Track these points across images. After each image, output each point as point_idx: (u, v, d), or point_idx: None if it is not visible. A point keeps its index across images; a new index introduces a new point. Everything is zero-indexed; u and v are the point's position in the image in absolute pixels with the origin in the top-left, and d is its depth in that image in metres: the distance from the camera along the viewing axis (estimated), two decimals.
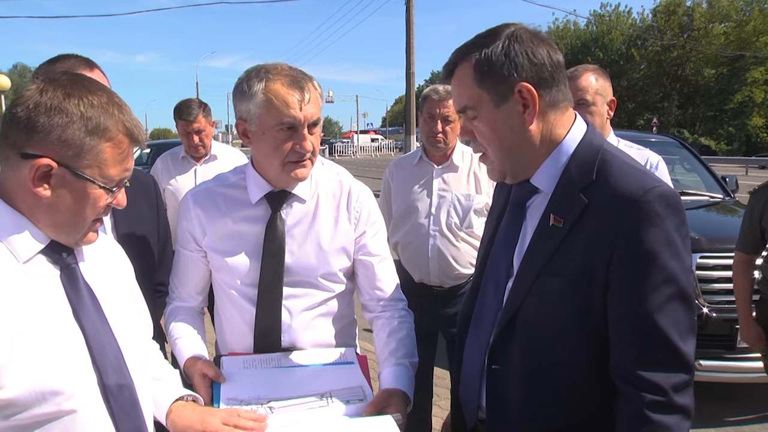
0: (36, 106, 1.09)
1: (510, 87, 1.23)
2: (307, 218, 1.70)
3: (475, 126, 1.29)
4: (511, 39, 1.24)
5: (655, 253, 1.12)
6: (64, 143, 1.10)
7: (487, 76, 1.24)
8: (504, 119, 1.26)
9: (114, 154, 1.15)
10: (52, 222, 1.14)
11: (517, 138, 1.27)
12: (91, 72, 1.81)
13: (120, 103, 1.17)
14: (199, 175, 3.80)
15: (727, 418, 3.90)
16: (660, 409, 1.12)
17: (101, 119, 1.12)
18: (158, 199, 2.16)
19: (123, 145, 1.16)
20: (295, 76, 1.55)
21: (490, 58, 1.24)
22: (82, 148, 1.11)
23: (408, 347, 1.70)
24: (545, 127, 1.27)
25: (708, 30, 43.80)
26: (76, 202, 1.14)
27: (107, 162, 1.14)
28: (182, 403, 1.46)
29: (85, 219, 1.16)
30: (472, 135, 1.32)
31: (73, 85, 1.12)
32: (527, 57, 1.23)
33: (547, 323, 1.23)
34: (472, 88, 1.26)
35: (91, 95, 1.13)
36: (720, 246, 3.86)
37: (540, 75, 1.24)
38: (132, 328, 1.31)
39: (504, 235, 1.40)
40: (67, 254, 1.19)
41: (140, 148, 12.07)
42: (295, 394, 1.51)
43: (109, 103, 1.15)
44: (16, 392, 1.04)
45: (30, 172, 1.09)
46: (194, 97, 4.01)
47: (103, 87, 1.18)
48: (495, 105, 1.25)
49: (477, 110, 1.27)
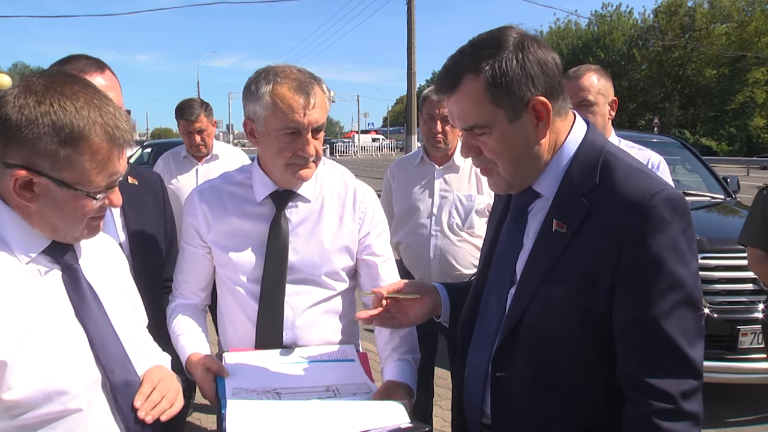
0: (8, 116, 1.04)
1: (525, 102, 1.18)
2: (311, 218, 1.72)
3: (484, 142, 1.22)
4: (523, 49, 1.17)
5: (662, 259, 1.11)
6: (39, 154, 1.06)
7: (503, 92, 1.17)
8: (519, 135, 1.21)
9: (93, 161, 1.10)
10: (45, 225, 1.14)
11: (529, 151, 1.23)
12: (102, 73, 1.80)
13: (99, 104, 1.10)
14: (200, 175, 3.80)
15: (728, 418, 3.90)
16: (669, 417, 1.10)
17: (75, 126, 1.06)
18: (165, 197, 2.18)
19: (102, 151, 1.10)
20: (302, 80, 1.56)
21: (506, 73, 1.16)
22: (58, 158, 1.06)
23: (410, 344, 1.72)
24: (552, 136, 1.25)
25: (709, 30, 43.71)
26: (63, 209, 1.12)
27: (87, 170, 1.09)
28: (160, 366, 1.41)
29: (77, 223, 1.15)
30: (477, 151, 1.25)
31: (45, 91, 1.07)
32: (540, 68, 1.18)
33: (552, 330, 1.21)
34: (485, 106, 1.18)
35: (63, 99, 1.06)
36: (721, 247, 3.86)
37: (552, 85, 1.20)
38: (131, 325, 1.32)
39: (506, 240, 1.38)
40: (68, 254, 1.19)
41: (141, 148, 12.12)
42: (300, 384, 1.52)
43: (85, 106, 1.08)
44: (24, 392, 1.05)
45: (11, 182, 1.07)
46: (196, 97, 4.01)
47: (82, 87, 1.11)
48: (509, 121, 1.19)
49: (489, 128, 1.20)
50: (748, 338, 3.75)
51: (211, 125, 3.78)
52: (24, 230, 1.13)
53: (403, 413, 1.39)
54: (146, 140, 24.99)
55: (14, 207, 1.13)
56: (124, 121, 1.14)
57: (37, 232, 1.14)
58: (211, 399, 1.53)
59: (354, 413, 1.38)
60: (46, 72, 1.15)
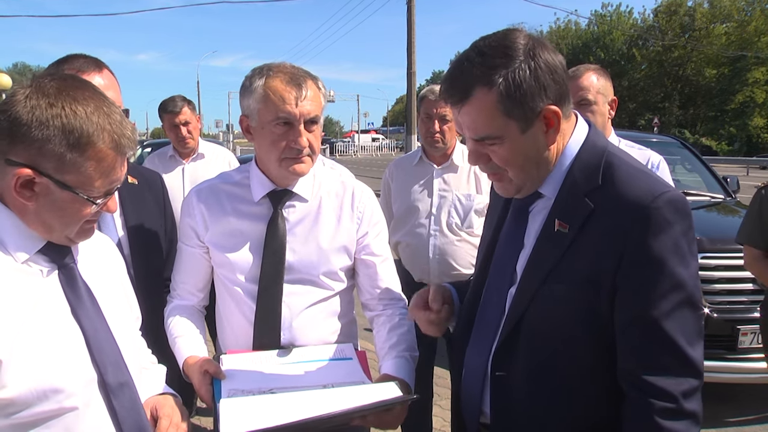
0: (18, 116, 1.05)
1: (537, 112, 1.17)
2: (309, 217, 1.71)
3: (494, 151, 1.21)
4: (534, 57, 1.15)
5: (664, 260, 1.11)
6: (45, 155, 1.07)
7: (517, 104, 1.15)
8: (530, 144, 1.20)
9: (98, 168, 1.11)
10: (40, 225, 1.14)
11: (539, 157, 1.23)
12: (100, 73, 1.80)
13: (108, 112, 1.12)
14: (186, 174, 3.78)
15: (728, 418, 3.90)
16: (669, 416, 1.11)
17: (84, 131, 1.07)
18: (165, 197, 2.18)
19: (108, 159, 1.12)
20: (294, 73, 1.57)
21: (520, 85, 1.14)
22: (64, 161, 1.07)
23: (409, 342, 1.72)
24: (560, 140, 1.25)
25: (709, 30, 43.70)
26: (61, 210, 1.12)
27: (91, 175, 1.11)
28: (167, 396, 1.44)
29: (72, 225, 1.15)
30: (486, 159, 1.24)
31: (58, 94, 1.08)
32: (552, 76, 1.17)
33: (553, 330, 1.21)
34: (497, 118, 1.17)
35: (75, 104, 1.08)
36: (721, 246, 3.85)
37: (561, 92, 1.20)
38: (127, 325, 1.32)
39: (506, 240, 1.37)
40: (65, 253, 1.19)
41: (141, 147, 12.12)
42: (296, 384, 1.52)
43: (95, 111, 1.09)
44: (18, 391, 1.05)
45: (12, 180, 1.08)
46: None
47: (92, 93, 1.13)
48: (521, 131, 1.18)
49: (501, 139, 1.19)
50: (748, 338, 3.75)
51: (195, 119, 3.77)
52: (20, 229, 1.13)
53: (394, 389, 1.41)
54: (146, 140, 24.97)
55: (11, 206, 1.13)
56: (129, 130, 1.15)
57: (34, 232, 1.14)
58: (208, 402, 1.52)
59: (346, 396, 1.38)
60: (57, 74, 1.15)
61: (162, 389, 1.44)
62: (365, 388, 1.46)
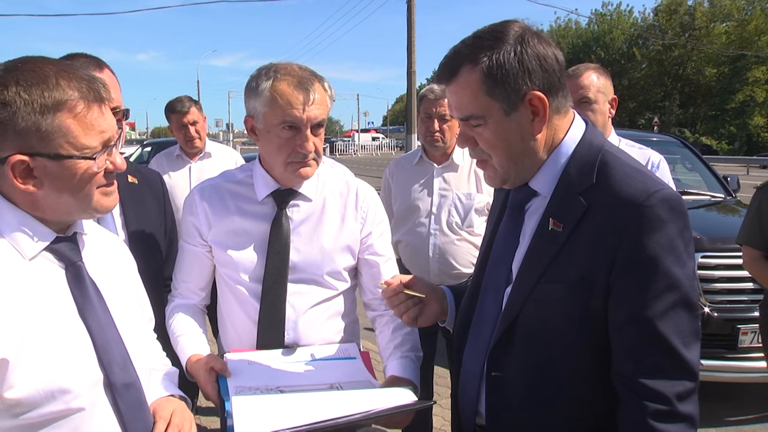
0: None
1: (521, 95, 1.18)
2: (313, 217, 1.71)
3: (479, 133, 1.23)
4: (522, 43, 1.17)
5: (658, 260, 1.10)
6: (22, 134, 1.05)
7: (499, 84, 1.17)
8: (513, 128, 1.21)
9: (78, 122, 1.09)
10: (57, 209, 1.13)
11: (524, 146, 1.23)
12: (101, 72, 1.81)
13: (65, 68, 1.09)
14: (193, 173, 3.80)
15: (728, 417, 3.90)
16: (664, 418, 1.09)
17: (45, 94, 1.05)
18: (165, 196, 2.18)
19: (82, 109, 1.09)
20: (302, 76, 1.56)
21: (503, 65, 1.16)
22: (41, 131, 1.06)
23: (413, 342, 1.72)
24: (549, 133, 1.24)
25: (709, 29, 43.71)
26: (69, 182, 1.11)
27: (75, 133, 1.08)
28: (170, 398, 1.41)
29: (86, 193, 1.14)
30: (473, 142, 1.26)
31: (6, 73, 1.06)
32: (539, 63, 1.18)
33: (547, 330, 1.20)
34: (480, 97, 1.19)
35: (26, 74, 1.06)
36: (722, 246, 3.86)
37: (551, 82, 1.20)
38: (136, 325, 1.30)
39: (502, 239, 1.37)
40: (72, 251, 1.18)
41: (141, 147, 12.11)
42: (303, 383, 1.52)
43: (51, 74, 1.07)
44: (26, 391, 1.04)
45: (9, 173, 1.07)
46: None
47: (40, 60, 1.10)
48: (505, 114, 1.19)
49: (485, 119, 1.21)
50: (748, 337, 3.75)
51: (202, 119, 3.80)
52: (27, 227, 1.12)
53: (409, 394, 1.41)
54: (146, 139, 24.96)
55: (21, 203, 1.12)
56: (95, 78, 1.13)
57: (41, 228, 1.14)
58: (214, 399, 1.52)
59: (361, 399, 1.37)
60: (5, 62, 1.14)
61: (169, 391, 1.42)
62: (379, 391, 1.45)
